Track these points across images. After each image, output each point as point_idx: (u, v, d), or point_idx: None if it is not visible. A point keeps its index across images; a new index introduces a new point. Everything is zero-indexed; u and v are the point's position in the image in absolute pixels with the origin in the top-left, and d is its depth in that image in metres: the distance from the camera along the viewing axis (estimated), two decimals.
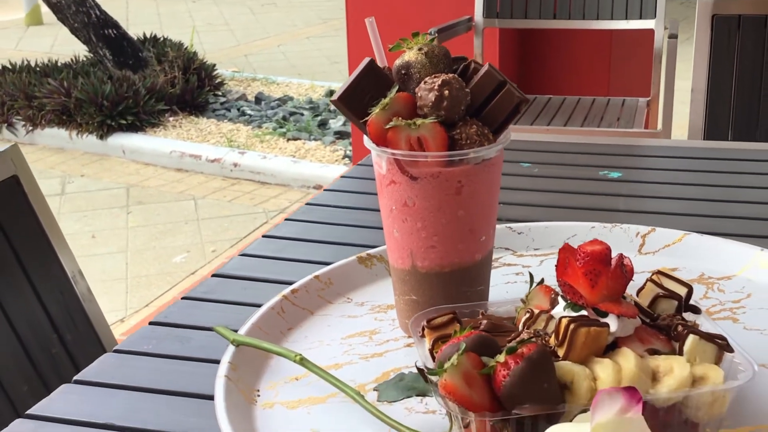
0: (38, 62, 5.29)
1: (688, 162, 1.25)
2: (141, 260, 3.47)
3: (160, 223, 3.91)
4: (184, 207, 4.08)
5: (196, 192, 4.25)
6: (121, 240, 3.72)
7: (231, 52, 6.91)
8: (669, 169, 1.23)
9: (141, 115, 4.75)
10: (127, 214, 4.03)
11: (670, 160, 1.26)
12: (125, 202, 4.18)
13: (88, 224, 3.91)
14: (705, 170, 1.22)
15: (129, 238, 3.74)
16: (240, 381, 0.69)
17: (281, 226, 1.03)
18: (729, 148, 1.32)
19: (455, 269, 0.74)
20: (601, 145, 1.32)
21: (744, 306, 0.81)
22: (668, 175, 1.21)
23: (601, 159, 1.24)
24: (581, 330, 0.61)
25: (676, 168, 1.24)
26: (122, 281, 3.29)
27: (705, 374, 0.61)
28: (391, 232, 0.75)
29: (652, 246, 0.91)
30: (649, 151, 1.30)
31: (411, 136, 0.69)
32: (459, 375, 0.58)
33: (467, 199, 0.72)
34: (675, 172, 1.22)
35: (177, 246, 3.60)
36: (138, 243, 3.66)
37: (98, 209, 4.10)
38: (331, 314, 0.81)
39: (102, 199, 4.23)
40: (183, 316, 0.83)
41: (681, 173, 1.22)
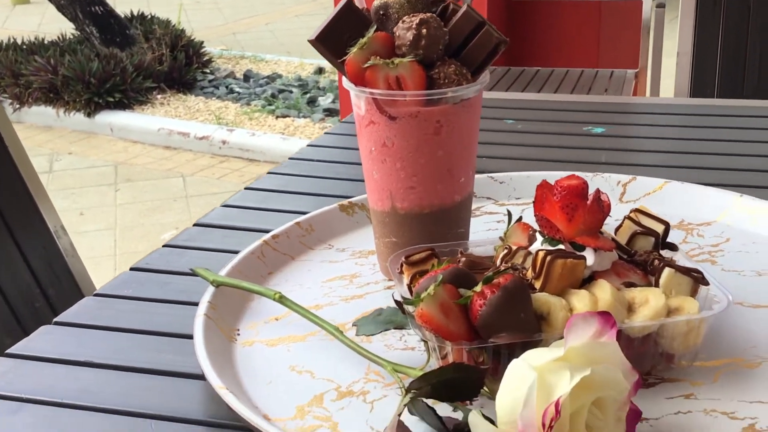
0: (25, 40, 5.25)
1: (672, 118, 1.25)
2: (129, 237, 3.47)
3: (148, 200, 3.90)
4: (173, 184, 4.07)
5: (185, 169, 4.23)
6: (109, 217, 3.71)
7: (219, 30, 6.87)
8: (652, 125, 1.23)
9: (128, 92, 4.73)
10: (115, 192, 4.02)
11: (655, 116, 1.27)
12: (113, 180, 4.17)
13: (76, 202, 3.90)
14: (688, 125, 1.22)
15: (117, 215, 3.74)
16: (220, 320, 0.69)
17: (264, 179, 1.03)
18: (711, 104, 1.32)
19: (435, 210, 0.74)
20: (585, 103, 1.32)
21: (723, 250, 0.81)
22: (652, 130, 1.21)
23: (585, 116, 1.24)
24: (557, 262, 0.61)
25: (659, 123, 1.24)
26: (111, 258, 3.29)
27: (680, 305, 0.62)
28: (371, 173, 0.75)
29: (632, 194, 0.92)
30: (633, 108, 1.30)
31: (389, 76, 0.69)
32: (435, 304, 0.58)
33: (446, 140, 0.72)
34: (658, 127, 1.23)
35: (165, 223, 3.59)
36: (126, 220, 3.66)
37: (86, 187, 4.09)
38: (311, 260, 0.81)
39: (90, 176, 4.21)
40: (163, 263, 0.83)
41: (664, 128, 1.22)
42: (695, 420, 0.58)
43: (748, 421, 0.58)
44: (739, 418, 0.58)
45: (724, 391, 0.61)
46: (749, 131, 1.18)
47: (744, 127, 1.19)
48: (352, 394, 0.62)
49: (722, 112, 1.25)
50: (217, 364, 0.63)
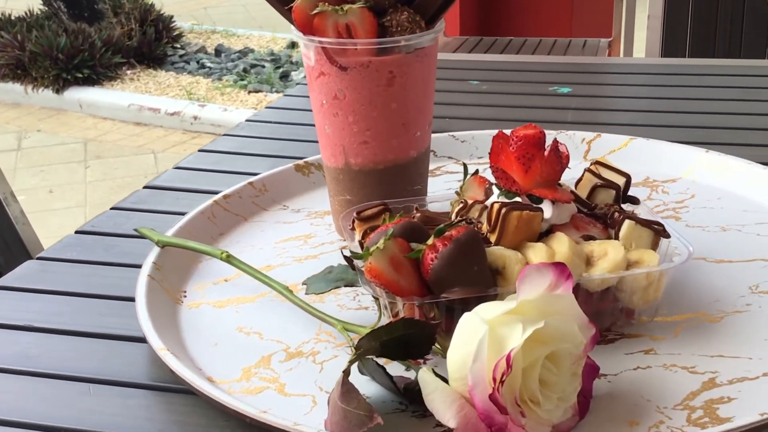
0: None
1: (641, 77, 1.23)
2: None
3: (118, 177, 3.84)
4: (144, 161, 4.01)
5: (156, 146, 4.18)
6: (79, 195, 3.65)
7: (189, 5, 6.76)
8: (620, 84, 1.21)
9: (97, 68, 4.65)
10: (85, 169, 3.96)
11: (623, 76, 1.24)
12: (83, 157, 4.10)
13: (45, 179, 3.84)
14: (656, 84, 1.20)
15: (87, 192, 3.68)
16: (165, 281, 0.66)
17: (219, 141, 0.99)
18: (679, 64, 1.30)
19: (390, 166, 0.71)
20: (552, 64, 1.29)
21: (687, 206, 0.79)
22: (619, 89, 1.19)
23: (552, 76, 1.22)
24: (513, 214, 0.59)
25: (628, 83, 1.22)
26: None
27: (640, 258, 0.60)
28: (323, 128, 0.72)
29: (597, 152, 0.89)
30: (601, 68, 1.28)
31: (339, 23, 0.66)
32: (385, 259, 0.56)
33: (400, 91, 0.69)
34: (626, 86, 1.20)
35: None
36: (96, 197, 3.60)
37: (55, 164, 4.02)
38: (265, 220, 0.79)
39: (59, 153, 4.14)
40: (110, 226, 0.79)
41: (632, 87, 1.20)
42: (655, 375, 0.56)
43: (709, 375, 0.56)
44: (699, 372, 0.56)
45: (684, 345, 0.59)
46: (718, 89, 1.16)
47: (713, 86, 1.17)
48: (301, 355, 0.60)
49: (690, 71, 1.22)
50: (159, 325, 0.60)
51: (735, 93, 1.14)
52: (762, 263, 0.69)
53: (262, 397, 0.55)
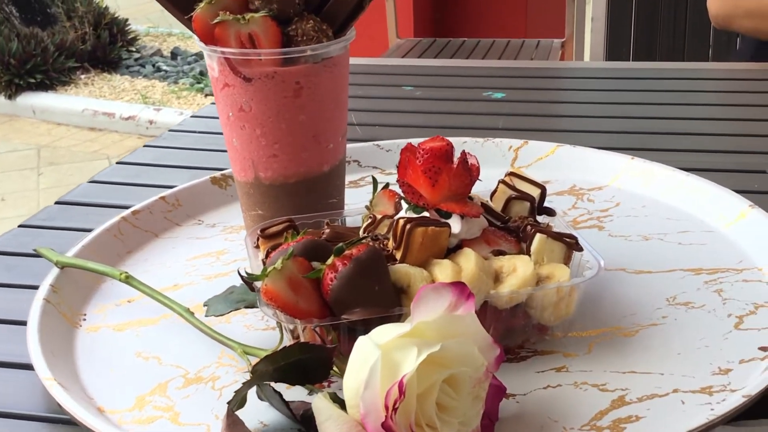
0: None
1: (578, 82, 1.22)
2: None
3: (73, 183, 3.75)
4: (98, 167, 3.94)
5: (111, 151, 4.11)
6: (32, 202, 3.58)
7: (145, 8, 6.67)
8: (556, 89, 1.19)
9: (50, 73, 4.57)
10: (38, 176, 3.88)
11: (560, 81, 1.23)
12: (36, 164, 4.03)
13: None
14: (592, 89, 1.19)
15: (40, 200, 3.61)
16: (62, 304, 0.63)
17: (138, 152, 0.96)
18: (617, 68, 1.29)
19: (301, 180, 0.69)
20: (491, 68, 1.28)
21: (611, 214, 0.78)
22: (554, 94, 1.18)
23: (489, 81, 1.20)
24: (418, 230, 0.57)
25: (563, 87, 1.20)
26: None
27: (551, 273, 0.58)
28: (231, 141, 0.69)
29: (524, 159, 0.88)
30: (540, 73, 1.26)
31: (241, 33, 0.63)
32: (283, 280, 0.53)
33: (308, 103, 0.66)
34: (561, 91, 1.19)
35: None
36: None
37: (8, 171, 3.95)
38: (177, 236, 0.76)
39: (12, 160, 4.06)
40: (15, 245, 0.76)
41: (567, 92, 1.18)
42: (564, 394, 0.54)
43: (618, 392, 0.54)
44: (609, 390, 0.54)
45: (597, 362, 0.57)
46: (657, 93, 1.15)
47: (652, 90, 1.16)
48: (200, 381, 0.57)
49: (630, 75, 1.22)
50: (51, 352, 0.57)
51: (674, 97, 1.13)
52: (681, 273, 0.67)
53: (153, 428, 0.52)
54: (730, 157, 0.92)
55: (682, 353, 0.58)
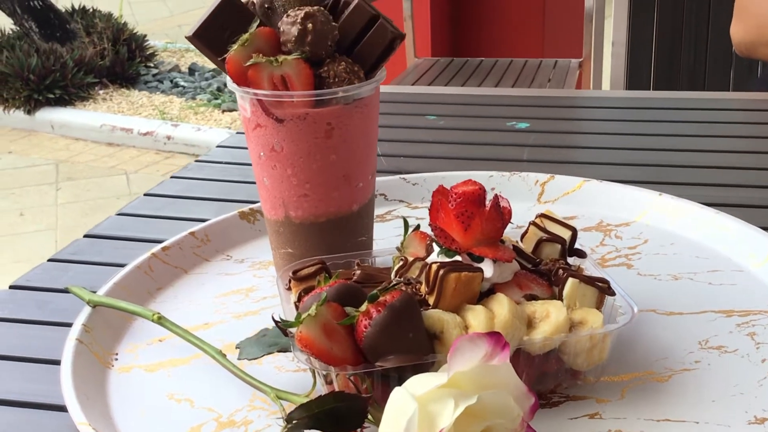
0: None
1: (601, 111, 1.21)
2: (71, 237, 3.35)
3: (90, 199, 3.80)
4: (116, 182, 3.97)
5: (128, 167, 4.14)
6: (50, 217, 3.61)
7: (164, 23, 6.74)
8: (579, 119, 1.19)
9: (69, 88, 4.61)
10: (56, 191, 3.91)
11: (583, 110, 1.23)
12: (54, 179, 4.06)
13: (16, 202, 3.79)
14: (614, 119, 1.19)
15: (59, 215, 3.64)
16: (94, 344, 0.63)
17: (165, 184, 0.97)
18: (638, 97, 1.28)
19: (331, 219, 0.69)
20: (514, 97, 1.28)
21: (639, 252, 0.77)
22: (577, 124, 1.18)
23: (512, 110, 1.20)
24: (451, 275, 0.57)
25: (586, 117, 1.20)
26: None
27: (584, 319, 0.58)
28: (262, 180, 0.69)
29: (551, 194, 0.87)
30: (562, 102, 1.26)
31: (274, 75, 0.64)
32: (317, 326, 0.53)
33: (339, 143, 0.67)
34: (585, 121, 1.19)
35: None
36: (68, 220, 3.56)
37: (26, 186, 3.98)
38: (206, 272, 0.76)
39: (30, 175, 4.10)
40: (45, 279, 0.76)
41: (591, 122, 1.18)
42: None
43: None
44: None
45: (630, 408, 0.57)
46: (679, 124, 1.15)
47: (674, 120, 1.16)
48: (233, 425, 0.57)
49: (655, 105, 1.21)
50: (84, 394, 0.57)
51: (696, 128, 1.13)
52: (712, 315, 0.67)
53: None
54: (757, 192, 0.91)
55: (716, 400, 0.57)
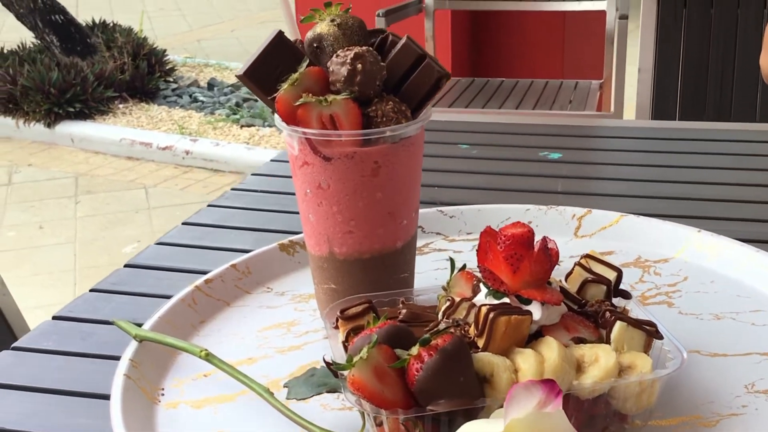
0: None
1: (631, 142, 1.22)
2: (90, 251, 3.39)
3: (110, 212, 3.83)
4: (135, 196, 3.99)
5: (147, 180, 4.16)
6: (69, 230, 3.63)
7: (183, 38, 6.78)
8: (610, 150, 1.19)
9: (89, 102, 4.65)
10: (75, 204, 3.94)
11: (613, 140, 1.23)
12: (74, 192, 4.09)
13: (35, 215, 3.81)
14: (648, 150, 1.19)
15: (78, 228, 3.66)
16: (142, 379, 0.64)
17: (203, 213, 0.97)
18: (667, 127, 1.28)
19: (375, 255, 0.70)
20: (544, 126, 1.28)
21: (680, 290, 0.77)
22: (609, 155, 1.18)
23: (543, 140, 1.21)
24: (501, 318, 0.57)
25: (617, 148, 1.20)
26: (71, 273, 3.21)
27: (632, 363, 0.58)
28: (307, 216, 0.70)
29: (588, 228, 0.88)
30: (592, 132, 1.26)
31: (323, 114, 0.64)
32: (369, 369, 0.54)
33: (385, 181, 0.67)
34: (617, 152, 1.19)
35: (127, 236, 3.52)
36: (87, 233, 3.58)
37: (46, 199, 4.00)
38: (248, 305, 0.77)
39: (50, 188, 4.12)
40: (88, 310, 0.77)
41: (623, 153, 1.18)
42: None
43: None
44: None
45: None
46: (709, 156, 1.15)
47: (704, 152, 1.16)
48: None
49: (683, 136, 1.21)
50: (133, 430, 0.58)
51: (726, 160, 1.13)
52: (758, 357, 0.67)
53: None
54: None
55: None
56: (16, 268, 3.22)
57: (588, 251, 0.67)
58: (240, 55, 6.14)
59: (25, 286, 3.04)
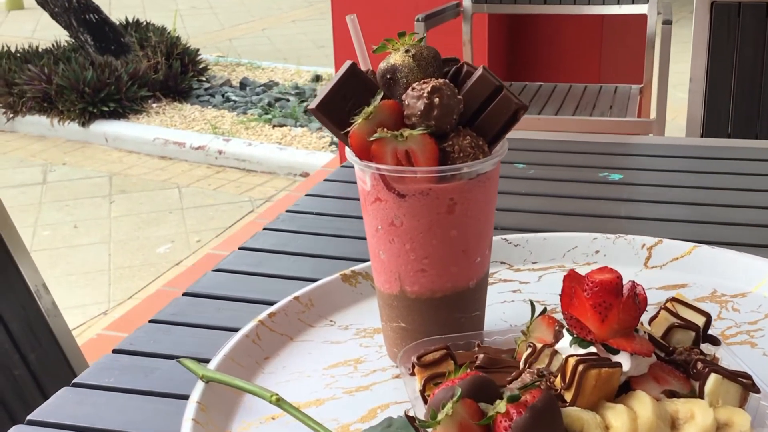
0: (18, 48, 5.17)
1: (691, 162, 1.17)
2: (124, 251, 3.40)
3: (143, 212, 3.83)
4: (168, 196, 4.00)
5: (180, 180, 4.17)
6: (103, 230, 3.64)
7: (215, 36, 6.79)
8: (671, 170, 1.15)
9: (123, 101, 4.66)
10: (109, 204, 3.95)
11: (673, 160, 1.19)
12: (108, 191, 4.10)
13: (70, 214, 3.83)
14: (709, 171, 1.15)
15: (112, 228, 3.67)
16: (209, 423, 0.62)
17: (259, 236, 0.95)
18: (732, 146, 1.24)
19: (448, 294, 0.67)
20: (603, 144, 1.24)
21: (762, 328, 0.74)
22: (671, 176, 1.13)
23: (602, 159, 1.17)
24: (591, 372, 0.54)
25: (678, 169, 1.16)
26: (105, 273, 3.22)
27: (729, 419, 0.55)
28: (377, 253, 0.67)
29: (659, 259, 0.84)
30: (654, 150, 1.21)
31: (398, 149, 0.62)
32: (454, 427, 0.51)
33: (460, 218, 0.65)
34: (678, 173, 1.14)
35: (161, 236, 3.53)
36: (121, 233, 3.59)
37: (80, 198, 4.02)
38: (312, 340, 0.74)
39: (84, 187, 4.14)
40: (148, 343, 0.75)
41: (684, 174, 1.14)
42: None
43: None
44: None
45: None
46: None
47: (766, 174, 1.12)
48: None
49: (742, 155, 1.17)
50: None
51: None
52: None
53: None
54: None
55: None
56: (51, 268, 3.24)
57: (663, 284, 0.64)
58: (271, 53, 6.14)
59: (60, 287, 3.05)
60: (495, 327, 0.74)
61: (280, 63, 5.69)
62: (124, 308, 2.87)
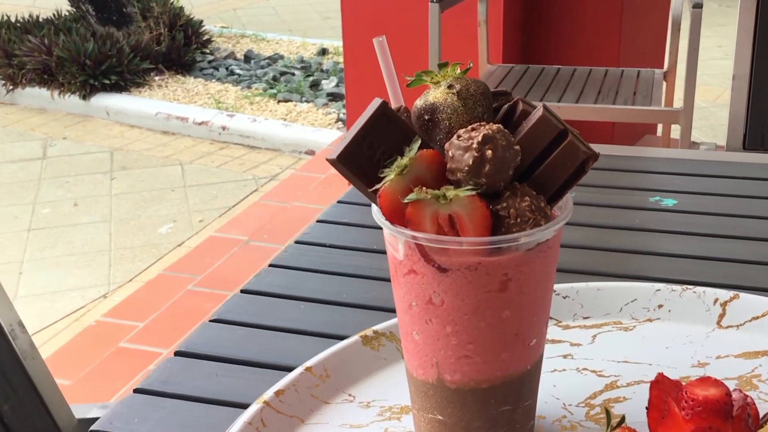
0: (18, 17, 5.03)
1: (751, 186, 1.03)
2: (125, 230, 3.30)
3: (145, 190, 3.72)
4: (171, 173, 3.88)
5: (183, 157, 4.04)
6: (104, 208, 3.53)
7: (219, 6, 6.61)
8: (741, 195, 0.98)
9: (125, 74, 4.52)
10: (110, 180, 3.83)
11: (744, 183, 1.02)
12: (109, 167, 3.98)
13: (70, 191, 3.72)
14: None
15: (113, 206, 3.56)
16: None
17: (264, 275, 0.82)
18: None
19: (496, 384, 0.55)
20: (652, 159, 1.10)
21: None
22: (743, 203, 0.97)
23: (652, 180, 1.03)
24: None
25: (744, 194, 1.00)
26: (105, 253, 3.12)
27: None
28: (410, 333, 0.55)
29: (734, 317, 0.72)
30: (713, 169, 1.05)
31: (440, 214, 0.49)
32: None
33: (515, 296, 0.52)
34: (753, 199, 0.99)
35: (163, 215, 3.42)
36: (122, 211, 3.48)
37: (81, 174, 3.90)
38: (328, 422, 0.62)
39: (85, 163, 4.02)
40: (132, 422, 0.63)
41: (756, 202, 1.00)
42: None
43: None
44: None
45: None
46: None
47: None
48: None
49: None
50: None
51: None
52: None
53: None
54: None
55: None
56: (51, 248, 3.14)
57: (740, 348, 0.52)
58: (276, 24, 5.98)
59: (60, 267, 2.95)
60: (546, 407, 0.62)
61: (285, 35, 5.53)
62: (125, 292, 2.78)
